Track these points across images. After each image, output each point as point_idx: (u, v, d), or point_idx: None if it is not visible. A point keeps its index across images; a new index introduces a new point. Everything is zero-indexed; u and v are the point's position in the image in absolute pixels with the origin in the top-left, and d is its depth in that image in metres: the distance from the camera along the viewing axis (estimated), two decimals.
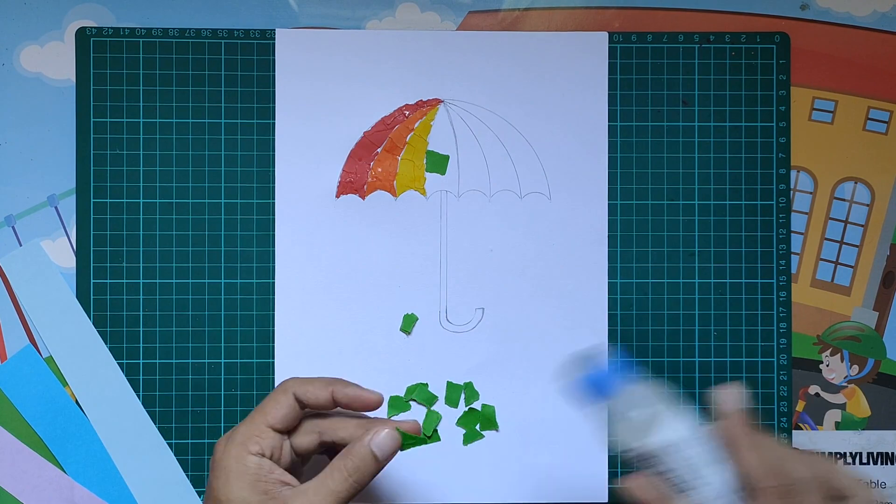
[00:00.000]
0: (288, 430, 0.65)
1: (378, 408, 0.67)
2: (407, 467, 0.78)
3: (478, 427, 0.79)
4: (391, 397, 0.79)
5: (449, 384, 0.79)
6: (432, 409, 0.79)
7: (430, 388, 0.79)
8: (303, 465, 0.68)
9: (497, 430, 0.79)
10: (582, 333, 0.79)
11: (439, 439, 0.77)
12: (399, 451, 0.65)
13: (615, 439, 0.65)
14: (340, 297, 0.79)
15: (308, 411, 0.67)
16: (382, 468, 0.64)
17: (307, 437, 0.66)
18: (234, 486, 0.61)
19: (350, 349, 0.78)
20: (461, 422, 0.79)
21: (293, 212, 0.78)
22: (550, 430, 0.79)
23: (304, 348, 0.78)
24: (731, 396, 0.64)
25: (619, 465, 0.79)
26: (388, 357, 0.79)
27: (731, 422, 0.63)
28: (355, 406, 0.66)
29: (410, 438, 0.66)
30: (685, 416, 0.63)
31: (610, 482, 0.79)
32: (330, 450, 0.67)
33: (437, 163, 0.79)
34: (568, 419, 0.78)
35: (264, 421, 0.63)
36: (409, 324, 0.78)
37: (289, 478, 0.63)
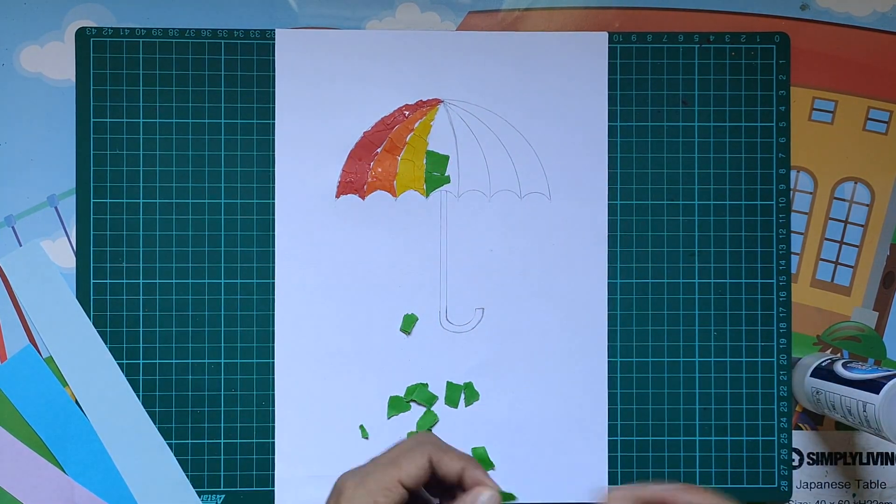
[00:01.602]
0: (410, 490, 0.64)
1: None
2: None
3: None
4: (391, 397, 0.79)
5: (449, 384, 0.79)
6: (431, 409, 0.79)
7: (429, 389, 0.79)
8: None
9: (494, 469, 0.79)
10: (582, 333, 0.79)
11: None
12: None
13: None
14: (340, 297, 0.79)
15: None
16: None
17: (420, 465, 0.65)
18: None
19: (350, 349, 0.78)
20: None
21: (293, 212, 0.78)
22: (550, 429, 0.79)
23: (304, 348, 0.78)
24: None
25: (619, 464, 0.79)
26: (388, 357, 0.79)
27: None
28: (468, 490, 0.63)
29: (507, 495, 0.65)
30: None
31: (610, 482, 0.79)
32: None
33: (437, 163, 0.79)
34: (568, 419, 0.79)
35: (398, 476, 0.62)
36: (409, 324, 0.79)
37: None
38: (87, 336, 0.78)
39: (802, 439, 0.81)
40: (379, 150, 0.78)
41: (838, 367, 0.74)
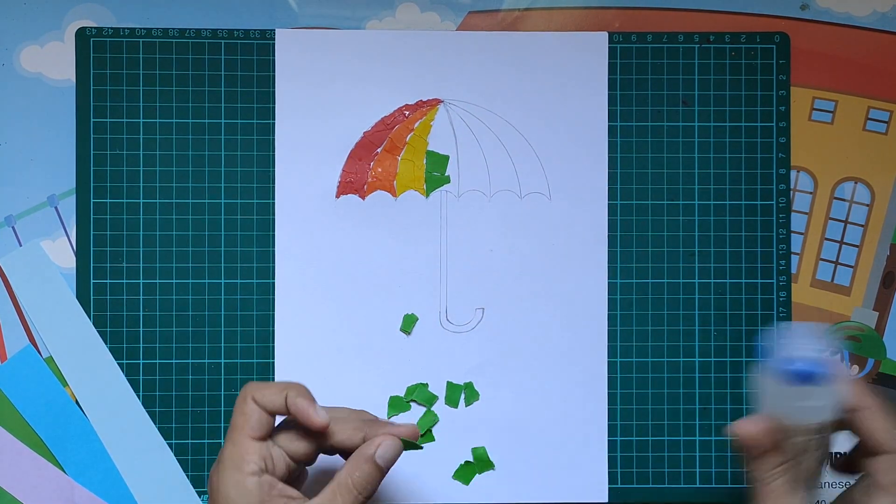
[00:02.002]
0: (268, 435, 0.64)
1: (322, 431, 0.65)
2: (407, 467, 0.78)
3: (477, 473, 0.79)
4: (391, 397, 0.79)
5: (449, 384, 0.79)
6: (431, 409, 0.79)
7: (429, 389, 0.79)
8: (306, 465, 0.68)
9: (494, 469, 0.79)
10: (582, 333, 0.79)
11: (433, 439, 0.78)
12: None
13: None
14: (340, 296, 0.79)
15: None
16: (385, 476, 0.64)
17: (303, 442, 0.65)
18: None
19: (350, 349, 0.78)
20: (458, 475, 0.79)
21: (293, 212, 0.78)
22: (550, 429, 0.79)
23: (304, 348, 0.78)
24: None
25: (619, 464, 0.79)
26: (387, 357, 0.79)
27: (862, 386, 0.63)
28: (301, 421, 0.64)
29: (409, 444, 0.65)
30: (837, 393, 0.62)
31: (610, 482, 0.79)
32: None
33: (437, 163, 0.79)
34: (568, 419, 0.79)
35: (243, 435, 0.62)
36: (408, 324, 0.78)
37: (291, 491, 0.62)
38: (87, 336, 0.78)
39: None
40: (379, 150, 0.78)
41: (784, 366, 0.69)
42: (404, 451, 0.65)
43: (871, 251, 0.81)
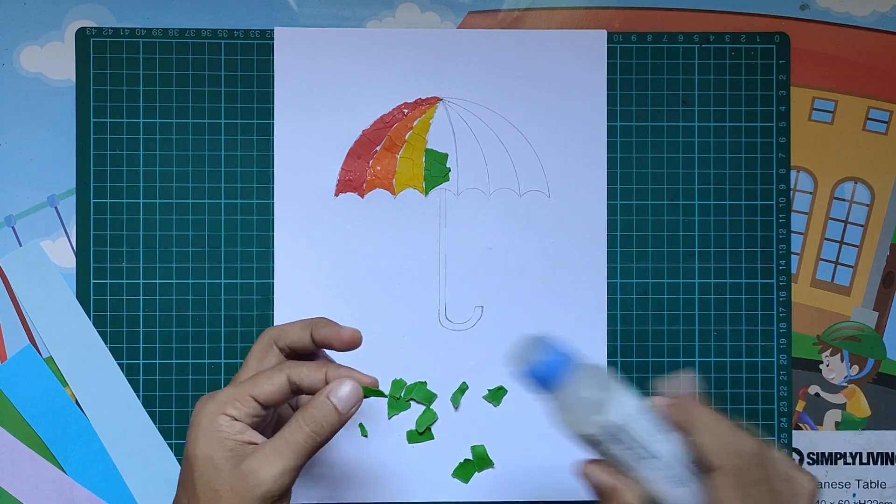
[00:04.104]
0: (270, 407, 0.63)
1: (357, 345, 0.65)
2: (407, 465, 0.78)
3: (476, 471, 0.79)
4: (390, 396, 0.79)
5: (447, 383, 0.79)
6: (430, 407, 0.79)
7: (428, 387, 0.79)
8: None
9: (493, 467, 0.79)
10: (581, 331, 0.79)
11: (433, 437, 0.78)
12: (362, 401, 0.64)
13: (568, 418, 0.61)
14: (339, 295, 0.79)
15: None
16: (346, 421, 0.63)
17: (276, 382, 0.64)
18: (202, 442, 0.60)
19: None
20: (457, 473, 0.79)
21: (292, 210, 0.78)
22: (549, 428, 0.79)
23: None
24: (682, 381, 0.63)
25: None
26: (386, 355, 0.79)
27: (685, 401, 0.62)
28: (334, 346, 0.65)
29: (371, 391, 0.64)
30: (632, 394, 0.61)
31: None
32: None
33: (437, 162, 0.79)
34: None
35: (250, 391, 0.62)
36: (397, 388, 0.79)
37: (257, 437, 0.62)
38: (87, 336, 0.78)
39: (802, 439, 0.80)
40: (378, 148, 0.79)
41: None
42: (368, 399, 0.64)
43: (871, 251, 0.81)
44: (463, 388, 0.79)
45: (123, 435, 0.78)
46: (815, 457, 0.80)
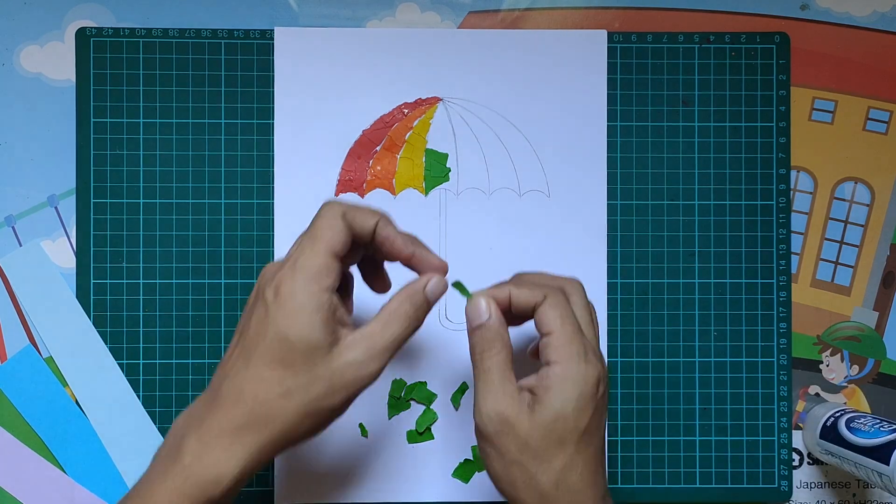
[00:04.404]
0: (343, 256, 0.63)
1: (410, 260, 0.65)
2: (407, 465, 0.78)
3: (476, 471, 0.79)
4: (391, 396, 0.79)
5: (448, 383, 0.79)
6: (430, 407, 0.79)
7: (428, 387, 0.79)
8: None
9: None
10: None
11: (432, 438, 0.78)
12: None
13: None
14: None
15: None
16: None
17: (356, 252, 0.65)
18: (305, 323, 0.59)
19: None
20: (457, 474, 0.79)
21: (292, 210, 0.78)
22: None
23: None
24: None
25: (619, 464, 0.79)
26: None
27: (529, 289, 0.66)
28: (385, 248, 0.64)
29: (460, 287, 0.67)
30: None
31: (610, 482, 0.79)
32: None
33: (437, 162, 0.79)
34: None
35: (328, 249, 0.61)
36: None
37: (345, 316, 0.62)
38: (87, 336, 0.78)
39: (803, 439, 0.80)
40: (378, 148, 0.78)
41: (842, 428, 0.74)
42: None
43: (871, 251, 0.81)
44: (463, 389, 0.79)
45: (123, 435, 0.78)
46: (815, 457, 0.80)
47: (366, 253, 0.68)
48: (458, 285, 0.66)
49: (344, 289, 0.67)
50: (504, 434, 0.63)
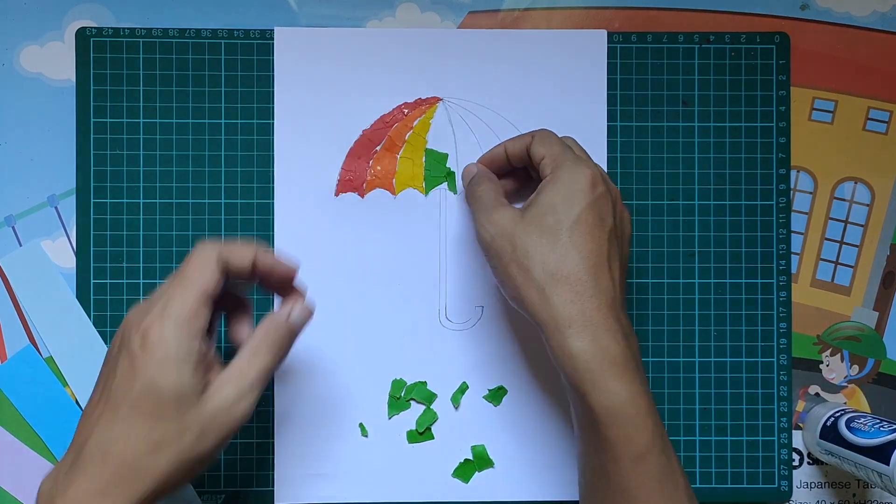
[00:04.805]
0: (215, 295, 0.61)
1: (292, 280, 0.65)
2: (407, 465, 0.78)
3: (476, 471, 0.79)
4: (390, 396, 0.78)
5: (448, 382, 0.79)
6: (430, 407, 0.79)
7: (428, 387, 0.79)
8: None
9: (493, 467, 0.79)
10: None
11: (433, 437, 0.78)
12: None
13: None
14: (339, 294, 0.78)
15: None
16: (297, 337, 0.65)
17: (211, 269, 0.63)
18: (174, 372, 0.57)
19: (349, 347, 0.78)
20: (457, 473, 0.79)
21: (292, 209, 0.78)
22: (549, 427, 0.79)
23: (302, 347, 0.78)
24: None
25: None
26: (387, 355, 0.79)
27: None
28: (273, 276, 0.64)
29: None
30: None
31: None
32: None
33: (437, 162, 0.79)
34: (566, 417, 0.78)
35: (200, 293, 0.60)
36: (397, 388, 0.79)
37: (213, 354, 0.61)
38: (87, 336, 0.78)
39: (803, 439, 0.80)
40: (378, 148, 0.78)
41: (842, 428, 0.74)
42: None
43: (871, 251, 0.81)
44: (463, 388, 0.79)
45: None
46: (815, 457, 0.80)
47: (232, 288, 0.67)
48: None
49: (209, 327, 0.64)
50: (499, 237, 0.66)
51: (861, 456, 0.71)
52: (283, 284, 0.66)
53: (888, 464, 0.68)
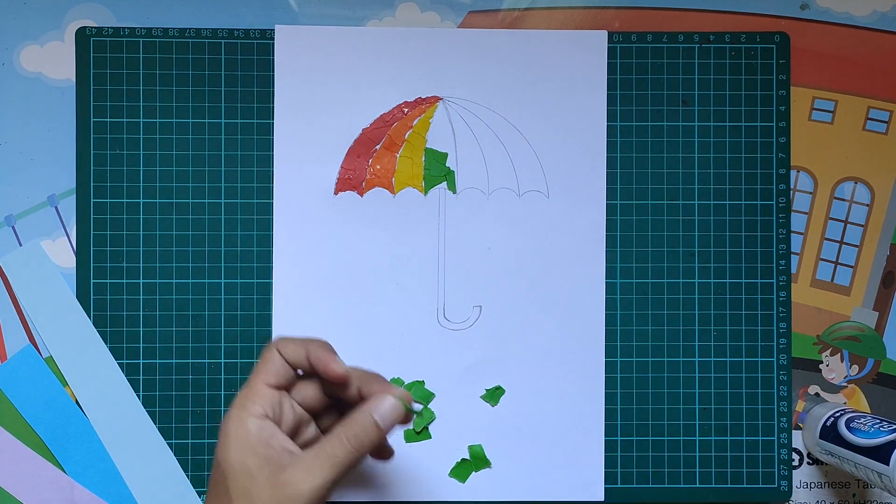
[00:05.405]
0: (285, 386, 0.64)
1: (340, 382, 0.65)
2: (404, 465, 0.78)
3: (473, 471, 0.79)
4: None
5: (446, 382, 0.79)
6: (428, 406, 0.79)
7: (426, 386, 0.79)
8: (317, 421, 0.68)
9: (490, 467, 0.79)
10: (579, 332, 0.79)
11: (430, 437, 0.78)
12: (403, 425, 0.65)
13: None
14: (338, 294, 0.79)
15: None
16: (386, 435, 0.64)
17: (310, 389, 0.66)
18: (234, 450, 0.60)
19: (348, 346, 0.78)
20: (454, 473, 0.79)
21: (291, 208, 0.78)
22: (547, 428, 0.79)
23: None
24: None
25: (619, 464, 0.79)
26: (385, 354, 0.79)
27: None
28: (321, 372, 0.64)
29: (408, 407, 0.64)
30: None
31: (610, 482, 0.79)
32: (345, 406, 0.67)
33: (436, 162, 0.79)
34: (565, 417, 0.79)
35: (259, 380, 0.63)
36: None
37: (290, 444, 0.62)
38: (87, 336, 0.78)
39: (802, 439, 0.80)
40: (378, 147, 0.79)
41: (842, 428, 0.74)
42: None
43: (871, 251, 0.81)
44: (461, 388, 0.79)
45: (123, 435, 0.78)
46: (815, 457, 0.80)
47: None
48: (408, 409, 0.65)
49: (299, 420, 0.66)
50: None
51: (861, 456, 0.71)
52: (335, 378, 0.65)
53: (888, 464, 0.68)
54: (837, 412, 0.76)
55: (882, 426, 0.71)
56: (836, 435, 0.75)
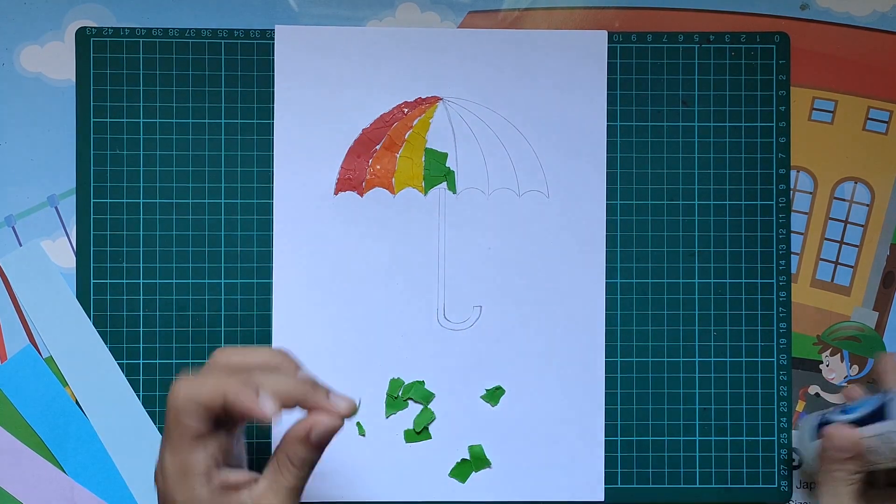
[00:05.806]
0: (207, 429, 0.61)
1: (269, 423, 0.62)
2: (404, 465, 0.78)
3: (473, 471, 0.79)
4: (388, 395, 0.79)
5: (445, 382, 0.79)
6: (428, 406, 0.79)
7: (426, 386, 0.79)
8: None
9: (490, 467, 0.79)
10: (579, 332, 0.79)
11: (430, 437, 0.78)
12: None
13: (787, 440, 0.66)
14: (338, 294, 0.79)
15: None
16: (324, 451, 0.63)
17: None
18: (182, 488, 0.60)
19: (347, 346, 0.78)
20: (454, 473, 0.79)
21: (291, 208, 0.78)
22: (547, 428, 0.79)
23: (301, 346, 0.78)
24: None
25: (619, 464, 0.79)
26: (384, 354, 0.79)
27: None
28: (245, 415, 0.61)
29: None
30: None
31: (610, 482, 0.79)
32: None
33: (436, 162, 0.79)
34: (565, 417, 0.79)
35: (183, 441, 0.60)
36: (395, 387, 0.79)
37: (236, 477, 0.61)
38: (87, 336, 0.78)
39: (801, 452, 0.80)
40: (378, 147, 0.79)
41: (837, 417, 0.74)
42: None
43: (871, 251, 0.81)
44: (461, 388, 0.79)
45: (123, 435, 0.78)
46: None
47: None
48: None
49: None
50: None
51: (864, 427, 0.71)
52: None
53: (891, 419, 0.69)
54: (824, 413, 0.76)
55: (868, 400, 0.72)
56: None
